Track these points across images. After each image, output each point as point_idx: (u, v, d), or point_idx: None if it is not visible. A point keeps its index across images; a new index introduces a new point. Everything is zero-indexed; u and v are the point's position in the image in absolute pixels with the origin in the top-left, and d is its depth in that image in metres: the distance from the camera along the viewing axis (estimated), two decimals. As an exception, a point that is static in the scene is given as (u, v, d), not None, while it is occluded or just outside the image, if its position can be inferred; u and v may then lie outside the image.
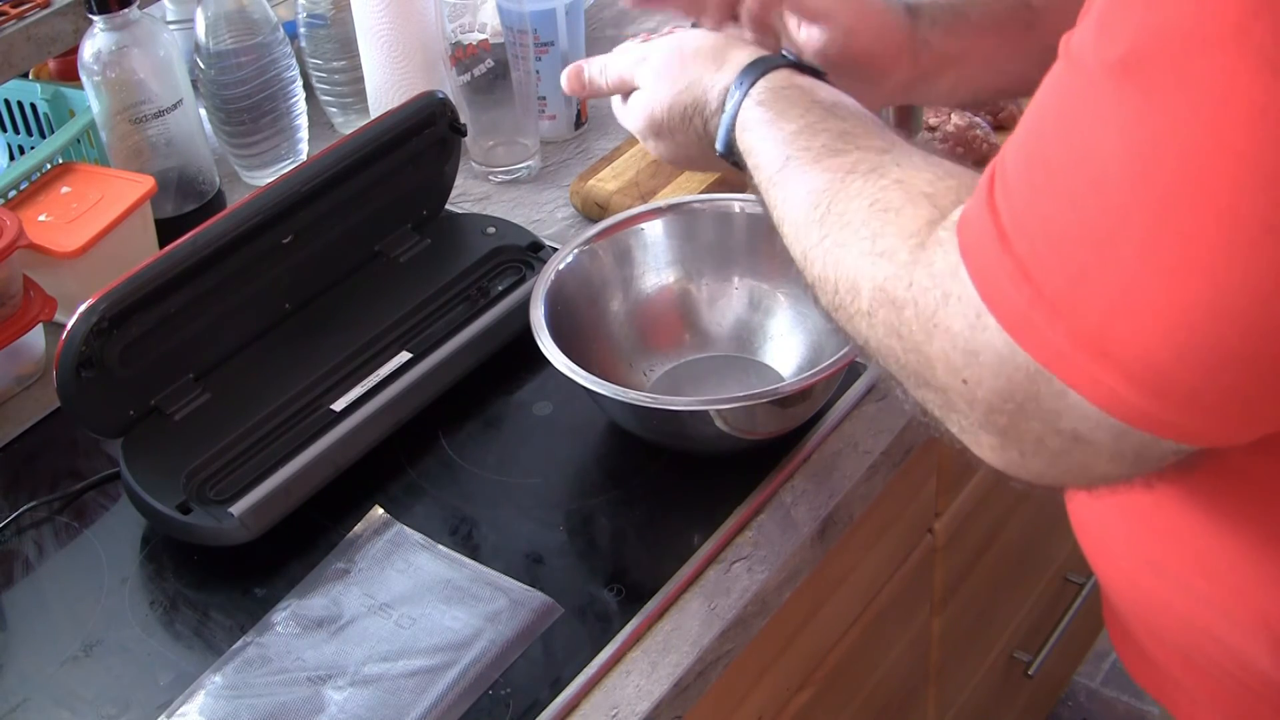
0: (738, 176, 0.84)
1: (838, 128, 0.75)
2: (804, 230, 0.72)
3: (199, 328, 1.01)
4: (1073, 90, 0.57)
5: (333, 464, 0.97)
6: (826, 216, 0.70)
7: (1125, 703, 1.92)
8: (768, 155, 0.78)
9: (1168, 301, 0.53)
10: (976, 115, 1.22)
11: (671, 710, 0.85)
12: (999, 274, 0.58)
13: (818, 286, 0.71)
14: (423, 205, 1.16)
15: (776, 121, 0.79)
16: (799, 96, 0.80)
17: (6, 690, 0.88)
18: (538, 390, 1.06)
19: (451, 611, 0.88)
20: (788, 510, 0.95)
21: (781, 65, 0.83)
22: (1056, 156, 0.56)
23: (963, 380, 0.60)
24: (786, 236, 0.75)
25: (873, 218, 0.67)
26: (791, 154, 0.76)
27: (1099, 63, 0.55)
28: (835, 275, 0.68)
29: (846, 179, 0.71)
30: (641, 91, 0.90)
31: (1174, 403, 0.55)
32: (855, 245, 0.67)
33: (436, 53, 1.29)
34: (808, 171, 0.74)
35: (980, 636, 1.45)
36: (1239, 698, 0.75)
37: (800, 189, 0.73)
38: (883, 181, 0.69)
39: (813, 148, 0.75)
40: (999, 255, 0.57)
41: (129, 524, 0.97)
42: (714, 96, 0.85)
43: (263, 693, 0.84)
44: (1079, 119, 0.56)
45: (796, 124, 0.77)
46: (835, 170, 0.72)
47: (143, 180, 1.18)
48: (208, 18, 1.25)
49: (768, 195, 0.77)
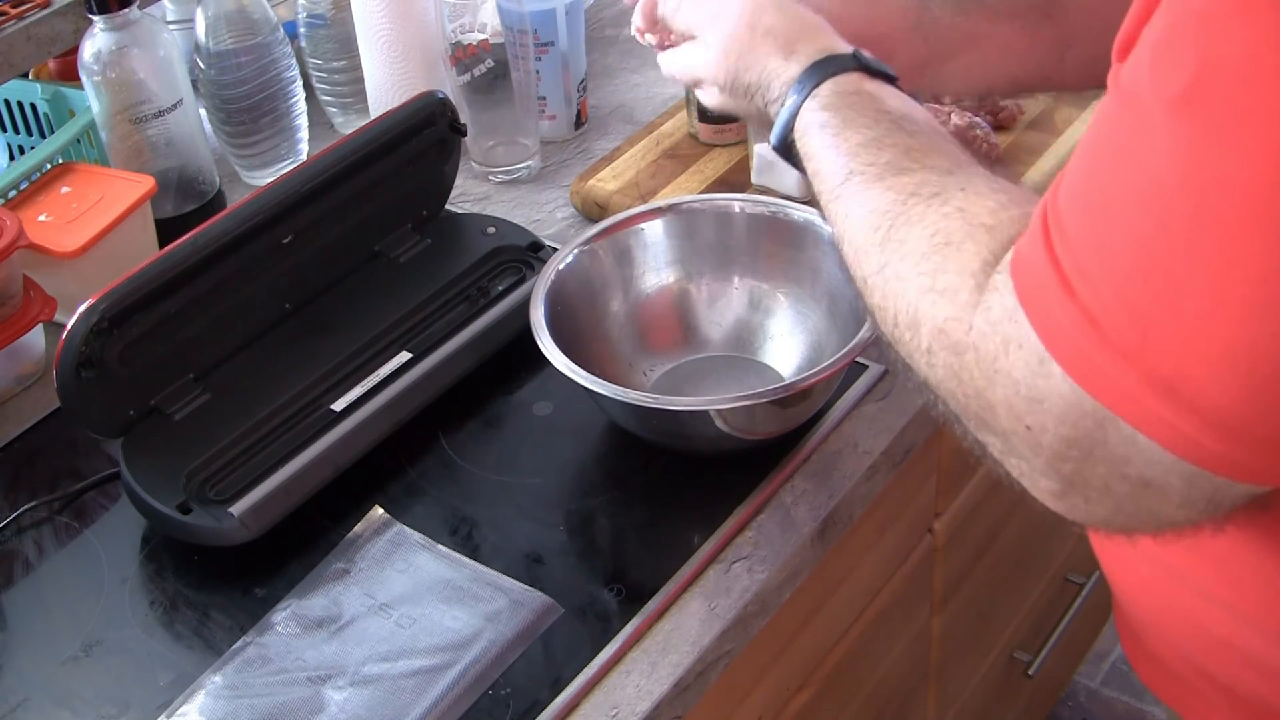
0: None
1: (904, 143, 0.73)
2: (864, 255, 0.70)
3: (199, 328, 1.01)
4: (1129, 127, 0.56)
5: (333, 464, 0.97)
6: (886, 243, 0.68)
7: (1125, 703, 1.92)
8: (830, 166, 0.75)
9: (1240, 341, 0.52)
10: (976, 115, 1.22)
11: (671, 710, 0.85)
12: (1063, 320, 0.56)
13: (877, 315, 0.69)
14: (423, 205, 1.16)
15: (842, 130, 0.76)
16: (867, 105, 0.77)
17: (6, 690, 0.88)
18: (538, 390, 1.06)
19: (451, 611, 0.88)
20: (788, 510, 0.95)
21: (852, 67, 0.80)
22: (1117, 198, 0.55)
23: (1026, 426, 0.59)
24: (846, 257, 0.73)
25: (933, 251, 0.65)
26: (855, 169, 0.73)
27: (1156, 98, 0.54)
28: (895, 307, 0.67)
29: (908, 202, 0.68)
30: (706, 50, 0.87)
31: (1249, 444, 0.54)
32: (915, 280, 0.65)
33: (436, 53, 1.29)
34: (870, 190, 0.71)
35: (980, 636, 1.45)
36: (1254, 704, 0.74)
37: (861, 209, 0.71)
38: (944, 209, 0.67)
39: (877, 164, 0.72)
40: (1062, 301, 0.56)
41: (129, 524, 0.97)
42: (777, 87, 0.82)
43: (263, 693, 0.84)
44: (1137, 157, 0.55)
45: (862, 135, 0.74)
46: (898, 191, 0.70)
47: (143, 180, 1.18)
48: (208, 18, 1.25)
49: (828, 209, 0.75)
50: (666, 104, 1.39)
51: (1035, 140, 1.24)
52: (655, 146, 1.29)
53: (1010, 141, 1.23)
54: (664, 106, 1.39)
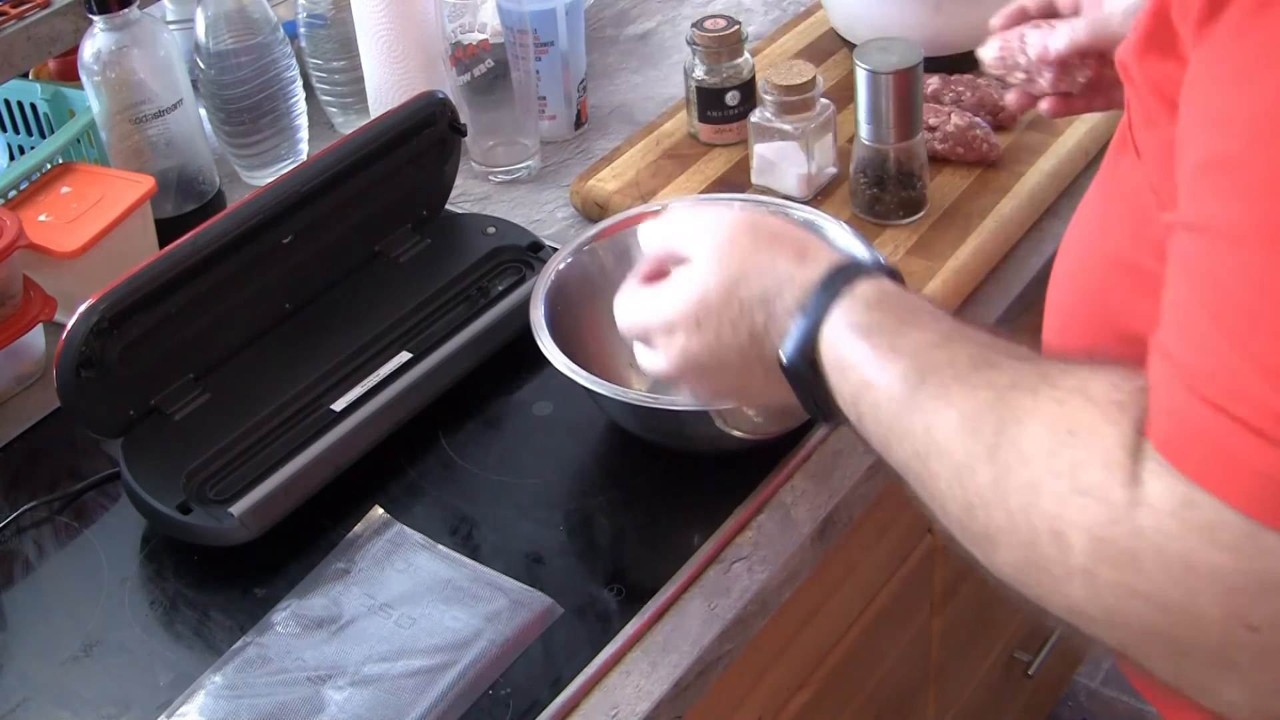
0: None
1: (979, 339, 0.63)
2: (969, 471, 0.58)
3: (199, 328, 1.01)
4: (1220, 258, 0.53)
5: (333, 464, 0.97)
6: (997, 450, 0.57)
7: (1125, 703, 1.92)
8: (888, 373, 0.63)
9: None
10: (976, 115, 1.22)
11: (671, 710, 0.85)
12: (1261, 470, 0.50)
13: (1000, 540, 0.57)
14: (423, 205, 1.16)
15: (900, 330, 0.65)
16: (920, 304, 0.67)
17: (6, 690, 0.88)
18: (538, 390, 1.06)
19: (451, 611, 0.88)
20: (788, 510, 0.95)
21: (879, 271, 0.70)
22: (1264, 329, 0.50)
23: (1249, 627, 0.50)
24: (938, 477, 0.60)
25: (1061, 446, 0.55)
26: (927, 370, 0.62)
27: (1228, 219, 0.52)
28: (1028, 525, 0.55)
29: (1008, 397, 0.58)
30: (691, 267, 0.74)
31: None
32: (1049, 485, 0.55)
33: (436, 53, 1.29)
34: (955, 390, 0.60)
35: (980, 636, 1.45)
36: None
37: (950, 414, 0.60)
38: (1056, 394, 0.57)
39: (956, 363, 0.61)
40: (1257, 450, 0.50)
41: (129, 524, 0.97)
42: (792, 292, 0.69)
43: (263, 693, 0.84)
44: (1260, 279, 0.51)
45: (927, 334, 0.64)
46: (991, 387, 0.59)
47: (143, 180, 1.18)
48: (208, 18, 1.25)
49: (893, 425, 0.63)
50: (666, 104, 1.39)
51: (1035, 140, 1.24)
52: (655, 146, 1.29)
53: (1010, 141, 1.23)
54: (664, 106, 1.39)
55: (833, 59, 1.38)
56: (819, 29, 1.43)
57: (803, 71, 1.15)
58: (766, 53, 1.40)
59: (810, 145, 1.16)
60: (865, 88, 1.10)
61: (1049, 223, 1.19)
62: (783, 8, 1.56)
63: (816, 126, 1.17)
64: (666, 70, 1.47)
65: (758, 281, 0.71)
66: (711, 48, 1.25)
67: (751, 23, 1.53)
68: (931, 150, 1.19)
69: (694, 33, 1.26)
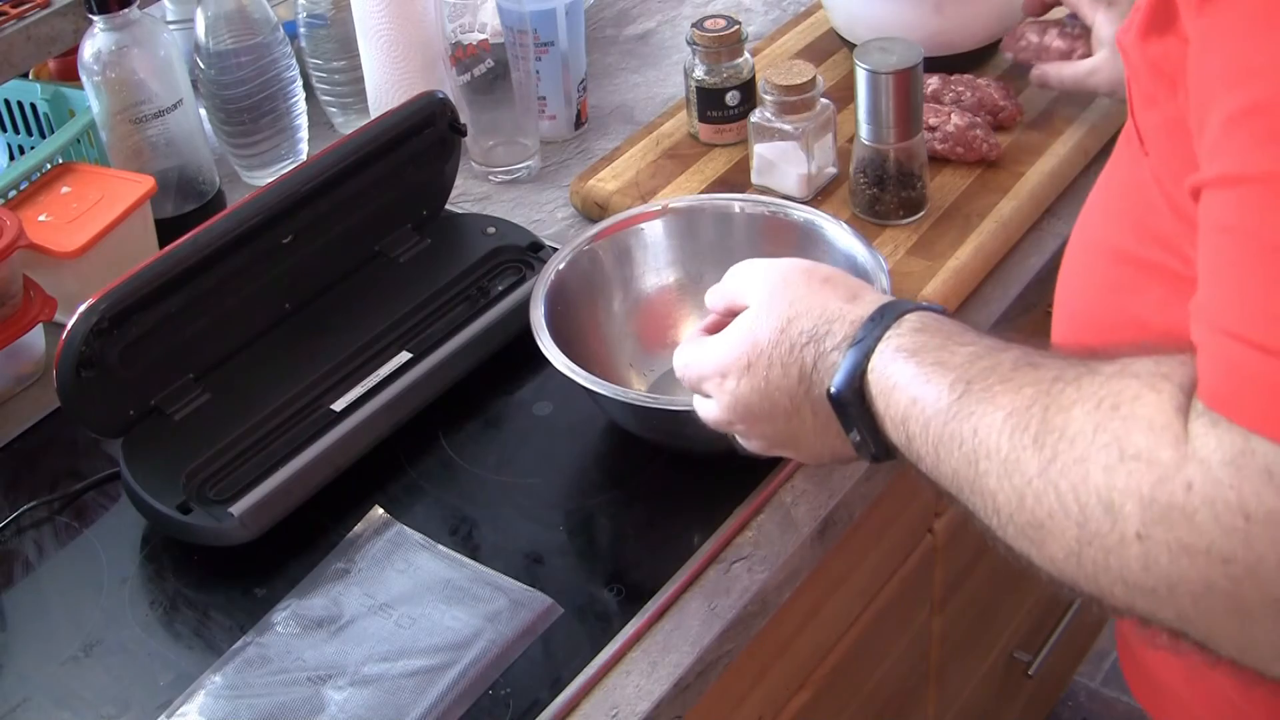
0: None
1: (1020, 348, 0.64)
2: (1015, 464, 0.59)
3: (199, 328, 1.01)
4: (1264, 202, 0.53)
5: (333, 464, 0.97)
6: (1044, 435, 0.58)
7: (1125, 703, 1.92)
8: (934, 388, 0.65)
9: None
10: (976, 115, 1.22)
11: (671, 710, 0.85)
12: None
13: (1050, 526, 0.57)
14: (423, 205, 1.16)
15: (946, 347, 0.66)
16: (962, 328, 0.68)
17: (6, 690, 0.88)
18: (538, 390, 1.06)
19: (451, 611, 0.88)
20: (788, 510, 0.95)
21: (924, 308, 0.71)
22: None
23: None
24: (985, 476, 0.61)
25: (1107, 420, 0.56)
26: (972, 378, 0.63)
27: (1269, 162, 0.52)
28: (1078, 502, 0.56)
29: (1053, 388, 0.59)
30: (747, 313, 0.76)
31: None
32: (1096, 458, 0.55)
33: (436, 53, 1.29)
34: (998, 390, 0.61)
35: (980, 636, 1.45)
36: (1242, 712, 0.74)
37: (996, 414, 0.60)
38: (1097, 378, 0.58)
39: (999, 368, 0.63)
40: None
41: (129, 524, 0.97)
42: (842, 327, 0.71)
43: (263, 693, 0.84)
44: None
45: (970, 349, 0.65)
46: (1036, 383, 0.60)
47: (143, 180, 1.18)
48: (208, 18, 1.25)
49: (942, 435, 0.64)
50: (666, 104, 1.39)
51: (1035, 140, 1.24)
52: (655, 146, 1.29)
53: (1010, 141, 1.23)
54: (664, 106, 1.39)
55: (833, 59, 1.38)
56: (819, 29, 1.43)
57: (803, 71, 1.15)
58: (766, 53, 1.41)
59: (810, 145, 1.16)
60: (865, 88, 1.10)
61: (1049, 223, 1.19)
62: (783, 8, 1.56)
63: (816, 126, 1.17)
64: (666, 70, 1.47)
65: (809, 320, 0.73)
66: (711, 48, 1.25)
67: (751, 23, 1.53)
68: (931, 150, 1.19)
69: (694, 33, 1.26)
